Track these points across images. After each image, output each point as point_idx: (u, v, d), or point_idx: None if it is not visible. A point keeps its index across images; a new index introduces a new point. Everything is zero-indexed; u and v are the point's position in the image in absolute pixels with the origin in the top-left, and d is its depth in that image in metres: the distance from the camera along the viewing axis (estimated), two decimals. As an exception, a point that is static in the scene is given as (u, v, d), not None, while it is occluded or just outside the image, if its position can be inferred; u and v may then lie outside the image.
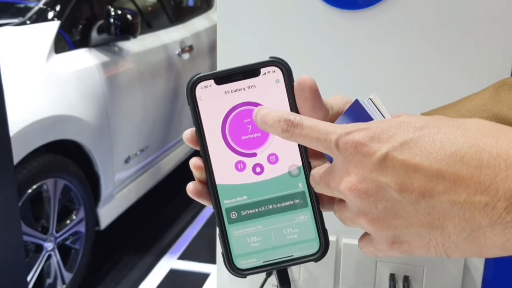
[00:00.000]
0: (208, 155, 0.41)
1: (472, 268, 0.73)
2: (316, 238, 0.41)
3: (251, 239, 0.41)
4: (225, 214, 0.41)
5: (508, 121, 0.44)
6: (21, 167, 1.84)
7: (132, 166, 2.53)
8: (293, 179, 0.41)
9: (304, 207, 0.41)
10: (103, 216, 2.35)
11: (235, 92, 0.41)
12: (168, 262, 2.51)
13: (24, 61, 1.98)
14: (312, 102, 0.40)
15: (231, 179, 0.41)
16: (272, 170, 0.41)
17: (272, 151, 0.41)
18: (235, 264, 0.41)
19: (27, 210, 1.91)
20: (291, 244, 0.41)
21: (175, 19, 3.15)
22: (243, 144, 0.41)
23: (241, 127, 0.41)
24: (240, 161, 0.41)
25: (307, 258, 0.41)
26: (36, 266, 1.96)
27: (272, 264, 0.41)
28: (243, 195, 0.41)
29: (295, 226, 0.41)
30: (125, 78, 2.44)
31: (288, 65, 0.41)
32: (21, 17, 2.18)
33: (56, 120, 1.98)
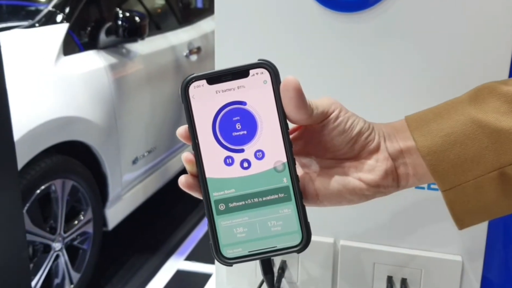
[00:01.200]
0: (199, 150, 0.44)
1: (470, 270, 0.73)
2: (298, 231, 0.44)
3: (237, 230, 0.44)
4: (214, 206, 0.44)
5: (485, 124, 0.44)
6: (30, 167, 1.86)
7: (140, 167, 2.54)
8: (278, 174, 0.44)
9: (288, 200, 0.44)
10: (110, 217, 2.36)
11: (225, 92, 0.44)
12: (175, 263, 2.52)
13: (33, 63, 2.00)
14: (296, 102, 0.43)
15: (220, 173, 0.44)
16: (258, 165, 0.44)
17: (259, 147, 0.44)
18: (222, 253, 0.44)
19: (35, 210, 1.92)
20: (275, 235, 0.44)
21: (184, 21, 3.16)
22: (232, 140, 0.44)
23: (230, 124, 0.44)
24: (228, 156, 0.44)
25: (289, 249, 0.44)
26: (44, 266, 1.98)
27: (257, 254, 0.44)
28: (231, 188, 0.44)
29: (279, 219, 0.44)
30: (133, 80, 2.46)
31: (275, 67, 0.44)
32: (30, 20, 2.20)
33: (64, 121, 2.00)
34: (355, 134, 0.46)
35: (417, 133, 0.46)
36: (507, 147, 0.43)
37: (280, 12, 0.71)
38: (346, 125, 0.45)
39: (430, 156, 0.45)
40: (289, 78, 0.43)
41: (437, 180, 0.45)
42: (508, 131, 0.43)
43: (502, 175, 0.44)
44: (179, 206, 3.02)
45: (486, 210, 0.46)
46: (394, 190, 0.48)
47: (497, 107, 0.44)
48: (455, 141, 0.44)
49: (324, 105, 0.45)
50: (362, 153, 0.46)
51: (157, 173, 2.73)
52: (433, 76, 0.68)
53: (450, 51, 0.67)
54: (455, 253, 0.72)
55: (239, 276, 0.81)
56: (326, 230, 0.76)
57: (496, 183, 0.44)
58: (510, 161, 0.43)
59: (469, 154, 0.44)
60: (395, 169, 0.47)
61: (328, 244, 0.76)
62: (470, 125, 0.44)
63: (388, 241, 0.75)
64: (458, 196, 0.45)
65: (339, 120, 0.45)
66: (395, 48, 0.68)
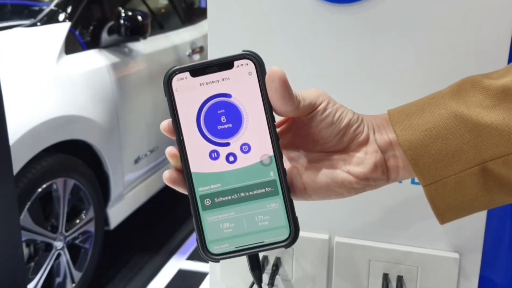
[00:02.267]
0: (183, 144, 0.43)
1: (468, 267, 0.71)
2: (286, 225, 0.43)
3: (224, 225, 0.43)
4: (199, 201, 0.43)
5: (467, 119, 0.43)
6: (31, 166, 1.86)
7: (142, 166, 2.54)
8: (265, 168, 0.43)
9: (275, 195, 0.43)
10: (112, 216, 2.36)
11: (209, 84, 0.42)
12: (177, 262, 2.52)
13: (35, 62, 2.00)
14: (282, 93, 0.42)
15: (205, 167, 0.43)
16: (244, 159, 0.43)
17: (245, 141, 0.42)
18: (208, 249, 0.43)
19: (37, 209, 1.92)
20: (262, 230, 0.43)
21: (187, 20, 3.16)
22: (216, 133, 0.42)
23: (215, 117, 0.42)
24: (214, 150, 0.43)
25: (277, 245, 0.43)
26: (45, 264, 1.98)
27: (244, 249, 0.43)
28: (217, 183, 0.43)
29: (266, 213, 0.43)
30: (135, 79, 2.46)
31: (260, 58, 0.43)
32: (32, 19, 2.21)
33: (66, 120, 2.00)
34: (344, 126, 0.45)
35: (398, 127, 0.45)
36: (488, 142, 0.42)
37: (272, 3, 0.70)
38: (335, 117, 0.44)
39: (411, 151, 0.44)
40: (274, 69, 0.41)
41: (418, 175, 0.45)
42: (490, 126, 0.42)
43: (483, 170, 0.43)
44: (181, 205, 3.02)
45: (468, 205, 0.45)
46: (384, 183, 0.47)
47: (480, 102, 0.43)
48: (436, 136, 0.44)
49: (311, 97, 0.44)
50: (351, 145, 0.45)
51: (159, 173, 2.73)
52: (427, 69, 0.67)
53: (445, 44, 0.66)
54: (452, 250, 0.71)
55: (233, 273, 0.80)
56: (321, 227, 0.75)
57: (477, 178, 0.43)
58: (491, 156, 0.43)
59: (451, 148, 0.43)
60: (385, 162, 0.46)
61: (323, 241, 0.75)
62: (452, 120, 0.43)
63: (384, 238, 0.73)
64: (439, 190, 0.44)
65: (327, 112, 0.44)
66: (388, 41, 0.67)
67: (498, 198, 0.44)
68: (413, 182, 0.71)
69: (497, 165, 0.43)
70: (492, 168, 0.43)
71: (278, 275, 0.77)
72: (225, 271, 0.80)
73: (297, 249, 0.76)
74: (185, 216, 2.93)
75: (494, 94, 0.43)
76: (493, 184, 0.43)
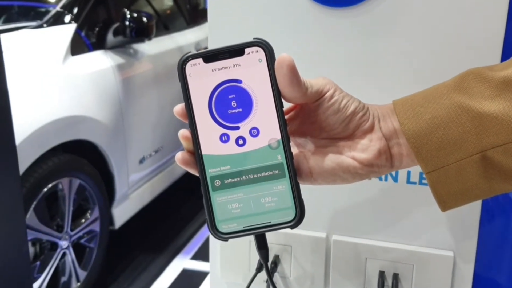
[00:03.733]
0: (195, 127, 0.44)
1: (462, 266, 0.72)
2: (292, 207, 0.44)
3: (232, 206, 0.44)
4: (210, 182, 0.44)
5: (468, 108, 0.44)
6: (37, 166, 1.88)
7: (147, 166, 2.56)
8: (272, 151, 0.44)
9: (282, 177, 0.44)
10: (117, 216, 2.38)
11: (221, 70, 0.44)
12: (181, 262, 2.54)
13: (41, 63, 2.02)
14: (290, 79, 0.43)
15: (216, 150, 0.44)
16: (253, 142, 0.44)
17: (254, 125, 0.44)
18: (218, 228, 0.44)
19: (42, 208, 1.94)
20: (269, 211, 0.44)
21: (191, 22, 3.18)
22: (227, 117, 0.44)
23: (226, 102, 0.44)
24: (224, 133, 0.44)
25: (283, 225, 0.44)
26: (51, 263, 2.00)
27: (251, 229, 0.44)
28: (227, 165, 0.44)
29: (274, 195, 0.44)
30: (140, 79, 2.48)
31: (270, 45, 0.44)
32: (39, 20, 2.23)
33: (72, 121, 2.02)
34: (350, 113, 0.46)
35: (402, 116, 0.46)
36: (489, 131, 0.44)
37: (271, 7, 0.71)
38: (341, 105, 0.46)
39: (414, 139, 0.46)
40: (283, 56, 0.43)
41: (420, 162, 0.46)
42: (491, 115, 0.44)
43: (483, 158, 0.44)
44: (186, 205, 3.04)
45: (468, 192, 0.46)
46: (388, 170, 0.48)
47: (482, 92, 0.45)
48: (439, 124, 0.45)
49: (319, 84, 0.46)
50: (356, 132, 0.47)
51: (164, 173, 2.75)
52: (424, 70, 0.68)
53: (442, 45, 0.67)
54: (447, 249, 0.72)
55: (233, 270, 0.81)
56: (318, 225, 0.77)
57: (478, 165, 0.45)
58: (491, 144, 0.44)
59: (452, 137, 0.45)
60: (389, 149, 0.47)
61: (320, 239, 0.76)
62: (454, 109, 0.45)
63: (380, 236, 0.75)
64: (440, 178, 0.46)
65: (334, 99, 0.46)
66: (385, 44, 0.69)
67: (498, 185, 0.46)
68: (409, 181, 0.72)
69: (497, 153, 0.44)
70: (492, 156, 0.44)
71: (277, 272, 0.79)
72: (226, 268, 0.82)
73: (295, 247, 0.77)
74: (189, 216, 2.95)
75: (495, 85, 0.44)
76: (493, 171, 0.45)
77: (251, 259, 0.80)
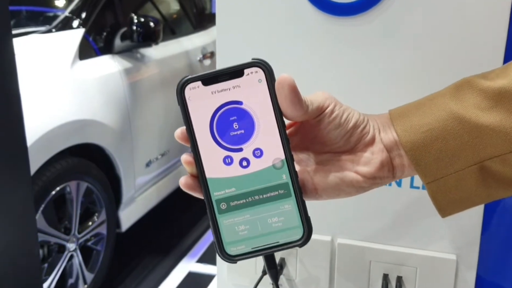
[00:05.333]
0: (198, 151, 0.44)
1: (464, 269, 0.74)
2: (300, 225, 0.44)
3: (239, 228, 0.44)
4: (215, 205, 0.44)
5: (465, 120, 0.45)
6: (45, 169, 1.90)
7: (153, 169, 2.58)
8: (277, 171, 0.44)
9: (288, 197, 0.44)
10: (124, 219, 2.40)
11: (221, 92, 0.44)
12: (187, 265, 2.55)
13: (50, 67, 2.04)
14: (291, 99, 0.43)
15: (220, 173, 0.44)
16: (257, 163, 0.44)
17: (257, 146, 0.44)
18: (226, 251, 0.44)
19: (50, 211, 1.96)
20: (276, 231, 0.44)
21: (198, 26, 3.20)
22: (229, 140, 0.44)
23: (227, 124, 0.44)
24: (227, 155, 0.44)
25: (292, 244, 0.44)
26: (58, 266, 2.01)
27: (260, 250, 0.44)
28: (232, 187, 0.44)
29: (280, 215, 0.44)
30: (147, 84, 2.50)
31: (269, 65, 0.44)
32: (47, 25, 2.26)
33: (79, 124, 2.04)
34: (351, 127, 0.46)
35: (400, 128, 0.47)
36: (486, 142, 0.45)
37: (277, 17, 0.73)
38: (342, 119, 0.46)
39: (413, 151, 0.46)
40: (283, 76, 0.43)
41: (420, 173, 0.47)
42: (488, 127, 0.45)
43: (482, 168, 0.46)
44: (192, 208, 3.05)
45: (467, 200, 0.48)
46: (391, 180, 0.49)
47: (477, 103, 0.45)
48: (436, 137, 0.46)
49: (319, 101, 0.46)
50: (358, 145, 0.47)
51: (170, 176, 2.77)
52: (429, 78, 0.69)
53: (446, 53, 0.68)
54: (450, 252, 0.73)
55: (240, 274, 0.83)
56: (324, 229, 0.78)
57: (476, 175, 0.46)
58: (489, 155, 0.45)
59: (450, 149, 0.46)
60: (391, 160, 0.47)
61: (326, 242, 0.78)
62: (451, 122, 0.46)
63: (384, 240, 0.76)
64: (440, 187, 0.47)
65: (335, 114, 0.46)
66: (390, 52, 0.70)
67: (497, 192, 0.47)
68: (412, 186, 0.73)
69: (494, 163, 0.45)
70: (490, 166, 0.45)
71: (283, 275, 0.80)
72: (232, 271, 0.83)
73: (301, 250, 0.79)
74: (195, 219, 2.96)
75: (491, 96, 0.45)
76: (491, 180, 0.46)
77: (257, 261, 0.81)
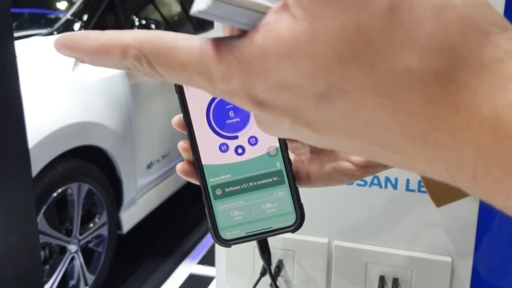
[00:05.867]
0: (194, 138, 0.45)
1: (460, 271, 0.74)
2: (292, 212, 0.45)
3: (234, 213, 0.45)
4: (211, 191, 0.45)
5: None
6: (47, 171, 1.91)
7: (154, 171, 2.59)
8: (271, 158, 0.45)
9: (282, 183, 0.45)
10: (125, 220, 2.41)
11: None
12: (188, 267, 2.56)
13: (52, 70, 2.06)
14: None
15: (216, 159, 0.45)
16: (252, 150, 0.45)
17: (252, 134, 0.45)
18: (221, 235, 0.45)
19: (52, 213, 1.98)
20: (270, 217, 0.45)
21: (199, 28, 3.22)
22: (225, 127, 0.45)
23: (223, 112, 0.45)
24: (223, 143, 0.45)
25: (284, 229, 0.45)
26: (60, 267, 2.03)
27: (254, 235, 0.45)
28: (227, 174, 0.45)
29: (274, 201, 0.45)
30: (148, 86, 2.51)
31: None
32: (49, 28, 2.27)
33: (81, 126, 2.06)
34: None
35: None
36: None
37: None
38: None
39: None
40: None
41: None
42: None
43: None
44: (193, 210, 3.06)
45: (460, 189, 0.48)
46: (383, 169, 0.49)
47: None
48: None
49: None
50: None
51: (171, 178, 2.78)
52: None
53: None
54: (445, 254, 0.74)
55: (238, 275, 0.84)
56: (320, 231, 0.79)
57: None
58: None
59: None
60: None
61: (322, 244, 0.78)
62: None
63: (380, 242, 0.77)
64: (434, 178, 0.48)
65: None
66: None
67: None
68: (408, 189, 0.74)
69: None
70: None
71: (280, 276, 0.81)
72: (231, 273, 0.84)
73: (298, 252, 0.80)
74: (196, 221, 2.97)
75: None
76: None
77: (255, 263, 0.82)
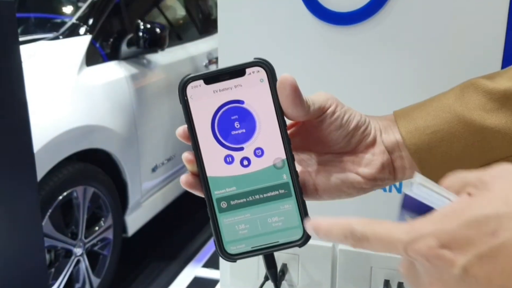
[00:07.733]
0: (199, 149, 0.44)
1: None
2: (299, 226, 0.44)
3: (240, 227, 0.44)
4: (216, 204, 0.44)
5: (470, 122, 0.45)
6: (52, 174, 1.92)
7: (159, 174, 2.60)
8: (277, 170, 0.44)
9: (288, 196, 0.44)
10: (130, 223, 2.41)
11: (222, 91, 0.44)
12: (193, 270, 2.56)
13: (57, 74, 2.07)
14: (293, 99, 0.43)
15: (221, 171, 0.44)
16: (258, 162, 0.44)
17: (258, 145, 0.44)
18: (226, 249, 0.44)
19: (57, 216, 1.98)
20: (276, 231, 0.44)
21: (204, 31, 3.22)
22: (231, 138, 0.44)
23: (228, 123, 0.44)
24: (228, 154, 0.44)
25: (291, 244, 0.44)
26: (65, 270, 2.03)
27: (260, 249, 0.44)
28: (232, 186, 0.44)
29: (280, 214, 0.44)
30: (153, 89, 2.52)
31: (271, 65, 0.44)
32: (55, 32, 2.28)
33: (86, 130, 2.06)
34: (352, 128, 0.46)
35: (404, 130, 0.47)
36: (492, 144, 0.45)
37: (277, 26, 0.74)
38: (343, 120, 0.46)
39: (418, 154, 0.46)
40: (285, 76, 0.43)
41: (425, 175, 0.47)
42: (493, 130, 0.44)
43: None
44: (198, 213, 3.06)
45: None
46: (391, 182, 0.49)
47: (482, 105, 0.45)
48: (441, 139, 0.45)
49: (320, 101, 0.45)
50: (359, 146, 0.47)
51: (176, 181, 2.78)
52: (428, 84, 0.70)
53: (444, 62, 0.69)
54: (451, 258, 0.74)
55: (242, 278, 0.84)
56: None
57: None
58: (494, 157, 0.45)
59: (455, 151, 0.45)
60: (392, 162, 0.47)
61: (327, 248, 0.78)
62: (456, 123, 0.45)
63: (385, 246, 0.76)
64: None
65: (336, 115, 0.45)
66: (388, 61, 0.71)
67: None
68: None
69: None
70: None
71: (285, 280, 0.81)
72: (235, 276, 0.84)
73: (303, 256, 0.79)
74: (201, 224, 2.97)
75: (496, 98, 0.45)
76: None
77: (259, 267, 0.82)
